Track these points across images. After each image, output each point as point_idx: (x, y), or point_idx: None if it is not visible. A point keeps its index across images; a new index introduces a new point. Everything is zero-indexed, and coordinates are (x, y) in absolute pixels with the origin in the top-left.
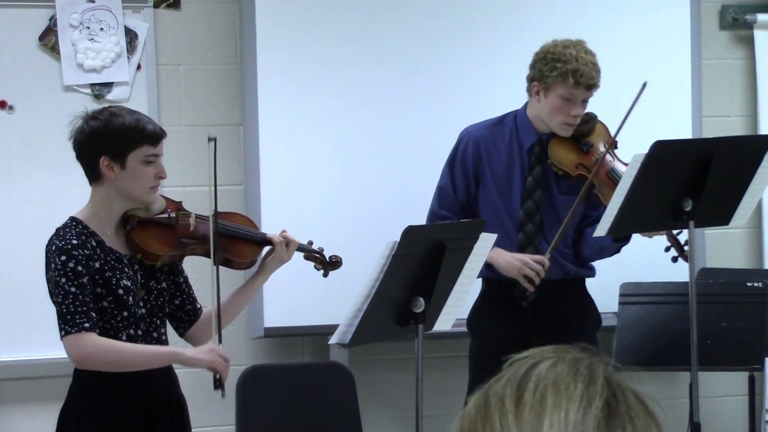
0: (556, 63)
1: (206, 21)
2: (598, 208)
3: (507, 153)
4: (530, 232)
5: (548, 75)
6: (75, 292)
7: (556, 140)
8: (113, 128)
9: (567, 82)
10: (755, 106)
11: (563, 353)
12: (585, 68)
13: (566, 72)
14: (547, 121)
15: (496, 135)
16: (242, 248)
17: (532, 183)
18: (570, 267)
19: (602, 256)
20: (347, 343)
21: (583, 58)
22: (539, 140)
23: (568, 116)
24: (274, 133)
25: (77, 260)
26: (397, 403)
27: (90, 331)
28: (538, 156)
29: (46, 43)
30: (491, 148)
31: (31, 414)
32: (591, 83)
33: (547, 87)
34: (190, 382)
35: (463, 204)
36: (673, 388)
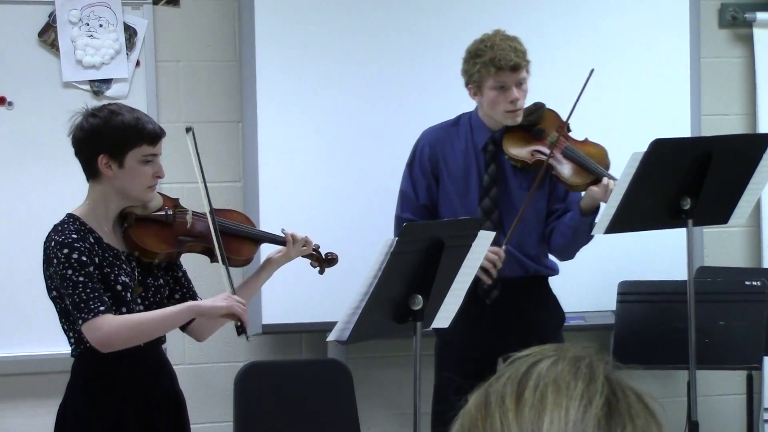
0: (476, 59)
1: (205, 18)
2: (565, 199)
3: (463, 154)
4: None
5: (474, 73)
6: (84, 280)
7: (509, 135)
8: (113, 127)
9: (490, 71)
10: (754, 105)
11: (564, 351)
12: (501, 52)
13: (485, 63)
14: (492, 116)
15: (452, 136)
16: (239, 246)
17: (488, 181)
18: (529, 264)
19: (577, 240)
20: (345, 340)
21: (499, 44)
22: (492, 138)
23: (507, 103)
24: (273, 130)
25: (80, 251)
26: (394, 400)
27: (105, 313)
28: (492, 154)
29: (45, 39)
30: (447, 149)
31: (29, 410)
32: (512, 64)
33: (478, 84)
34: (188, 378)
35: (426, 207)
36: (671, 387)
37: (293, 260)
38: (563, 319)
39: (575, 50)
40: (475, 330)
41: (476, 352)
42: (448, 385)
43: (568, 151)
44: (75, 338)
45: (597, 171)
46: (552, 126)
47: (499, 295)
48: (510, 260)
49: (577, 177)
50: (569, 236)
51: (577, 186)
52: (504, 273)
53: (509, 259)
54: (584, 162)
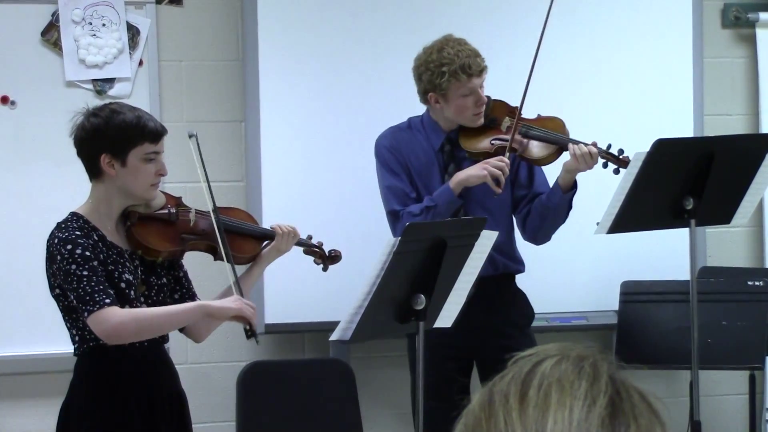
0: (442, 68)
1: (208, 17)
2: (530, 185)
3: (424, 155)
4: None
5: (440, 82)
6: (88, 274)
7: (464, 132)
8: (114, 126)
9: (461, 79)
10: (757, 105)
11: (568, 351)
12: (468, 59)
13: (455, 71)
14: (456, 120)
15: (410, 138)
16: (242, 243)
17: (448, 180)
18: (498, 260)
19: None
20: (348, 340)
21: (462, 50)
22: (448, 138)
23: (475, 107)
24: (276, 129)
25: (84, 247)
26: (397, 399)
27: (112, 305)
28: (449, 154)
29: (48, 38)
30: (409, 150)
31: (32, 409)
32: (481, 69)
33: (444, 93)
34: (190, 378)
35: (415, 201)
36: (674, 387)
37: (295, 259)
38: (532, 316)
39: (578, 50)
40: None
41: (450, 350)
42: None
43: (526, 129)
44: (78, 337)
45: (559, 140)
46: (502, 114)
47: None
48: None
49: (542, 150)
50: (549, 217)
51: (545, 159)
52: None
53: None
54: (545, 135)
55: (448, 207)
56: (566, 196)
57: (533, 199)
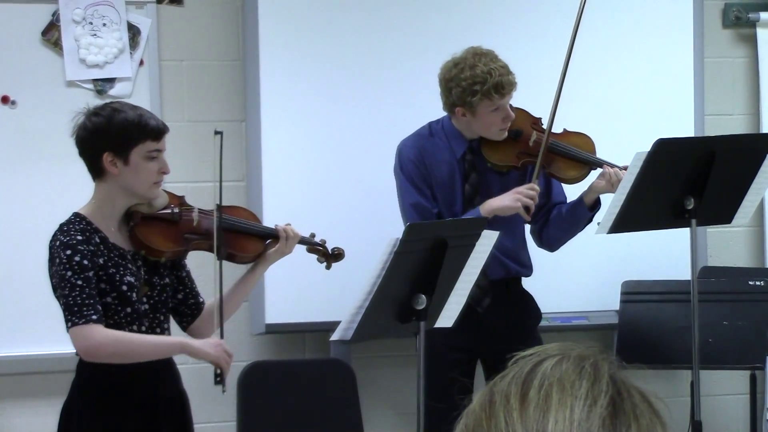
0: (474, 86)
1: (209, 17)
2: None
3: (447, 164)
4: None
5: (471, 99)
6: (81, 285)
7: (487, 142)
8: (116, 124)
9: (493, 98)
10: (758, 105)
11: (568, 351)
12: (502, 78)
13: (488, 91)
14: (482, 134)
15: (433, 147)
16: (246, 242)
17: (469, 191)
18: (511, 266)
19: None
20: (349, 340)
21: (495, 68)
22: (470, 147)
23: (503, 122)
24: (277, 129)
25: (83, 254)
26: (398, 399)
27: (97, 323)
28: (471, 163)
29: (48, 38)
30: (432, 159)
31: (33, 409)
32: (512, 88)
33: (473, 109)
34: (192, 378)
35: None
36: (675, 387)
37: (297, 259)
38: (539, 318)
39: (579, 51)
40: (459, 334)
41: (462, 354)
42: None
43: (555, 146)
44: None
45: (591, 160)
46: (525, 124)
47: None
48: (493, 262)
49: (572, 170)
50: (569, 229)
51: (576, 179)
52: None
53: (492, 262)
54: (574, 154)
55: None
56: (589, 212)
57: (551, 210)
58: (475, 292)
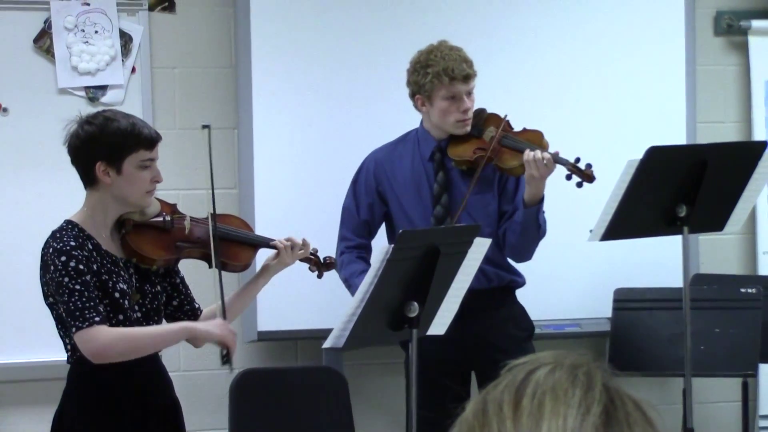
0: (426, 69)
1: (201, 24)
2: (514, 200)
3: (411, 167)
4: None
5: (424, 83)
6: (80, 289)
7: (454, 142)
8: (109, 133)
9: (443, 81)
10: (749, 113)
11: (562, 359)
12: (453, 63)
13: (438, 73)
14: (442, 126)
15: (399, 151)
16: (238, 251)
17: (437, 189)
18: (492, 272)
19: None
20: (341, 348)
21: (449, 54)
22: (438, 147)
23: (459, 113)
24: (269, 136)
25: (77, 260)
26: (390, 407)
27: (101, 324)
28: (439, 162)
29: (40, 45)
30: (395, 166)
31: (25, 416)
32: (465, 74)
33: (428, 95)
34: (184, 386)
35: (367, 222)
36: (667, 394)
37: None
38: (532, 329)
39: (570, 58)
40: (441, 342)
41: (447, 366)
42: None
43: (505, 140)
44: (71, 345)
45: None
46: (491, 125)
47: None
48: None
49: (513, 160)
50: (519, 233)
51: (515, 168)
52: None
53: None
54: (518, 145)
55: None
56: (529, 211)
57: (512, 215)
58: None
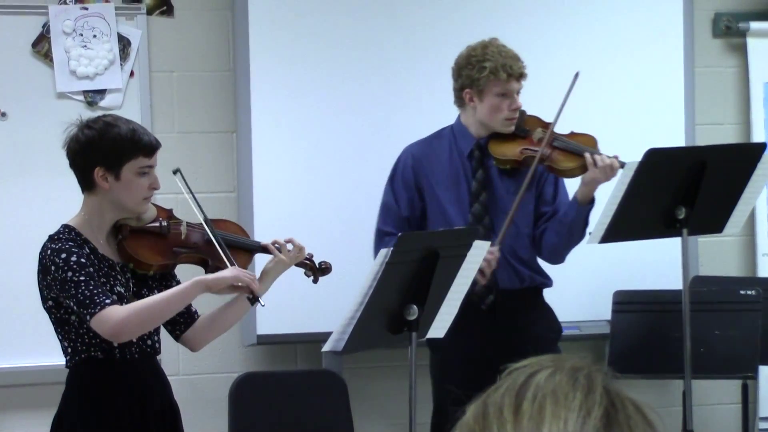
0: (483, 63)
1: (199, 28)
2: (554, 201)
3: (449, 163)
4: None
5: (479, 77)
6: (85, 279)
7: (494, 140)
8: (109, 139)
9: (500, 77)
10: (748, 114)
11: (562, 362)
12: (510, 60)
13: (496, 69)
14: (488, 123)
15: (435, 147)
16: (234, 257)
17: (476, 187)
18: (524, 272)
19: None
20: (340, 351)
21: (505, 51)
22: (477, 144)
23: (508, 111)
24: (267, 140)
25: (78, 255)
26: (390, 410)
27: (113, 304)
28: (478, 160)
29: (39, 49)
30: (432, 161)
31: (24, 421)
32: (521, 72)
33: (480, 90)
34: (182, 389)
35: (408, 219)
36: (667, 396)
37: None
38: (560, 331)
39: (569, 60)
40: (472, 343)
41: (474, 365)
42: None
43: (557, 141)
44: (70, 349)
45: (584, 151)
46: (535, 125)
47: (496, 304)
48: (505, 269)
49: (569, 162)
50: (565, 234)
51: (573, 170)
52: (502, 284)
53: (504, 268)
54: (574, 147)
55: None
56: (582, 209)
57: (552, 217)
58: (480, 289)
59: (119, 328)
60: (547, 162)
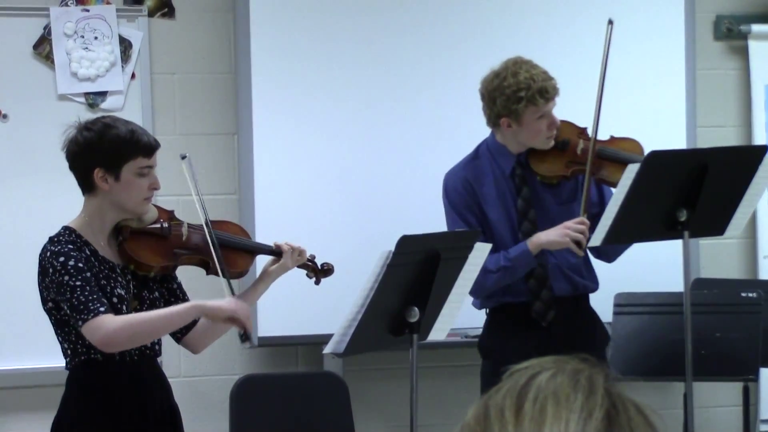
0: (519, 93)
1: (201, 30)
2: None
3: (494, 184)
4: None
5: (516, 107)
6: (81, 284)
7: (534, 155)
8: (108, 140)
9: (538, 104)
10: (749, 116)
11: (563, 364)
12: (545, 83)
13: (533, 96)
14: (529, 144)
15: (478, 170)
16: (235, 258)
17: (522, 205)
18: (578, 280)
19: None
20: (341, 353)
21: (537, 74)
22: (518, 162)
23: (549, 130)
24: (269, 141)
25: (76, 259)
26: (391, 412)
27: (106, 313)
28: (521, 177)
29: (40, 51)
30: (480, 183)
31: (24, 423)
32: (556, 92)
33: (518, 117)
34: (183, 391)
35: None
36: (668, 399)
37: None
38: (608, 338)
39: (571, 63)
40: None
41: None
42: None
43: (603, 152)
44: (69, 351)
45: (635, 160)
46: (571, 134)
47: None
48: (559, 277)
49: (619, 173)
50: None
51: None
52: (558, 292)
53: (558, 277)
54: (624, 157)
55: (525, 268)
56: None
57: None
58: (540, 306)
59: (109, 338)
60: (598, 175)
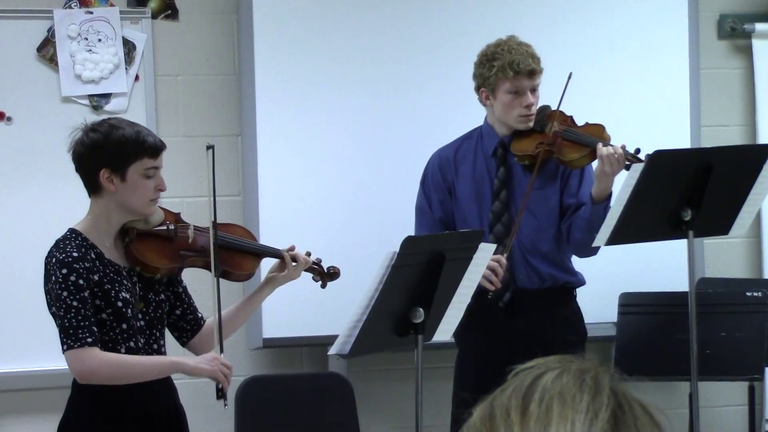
0: (492, 62)
1: (204, 32)
2: (577, 194)
3: (474, 163)
4: (499, 233)
5: (489, 76)
6: (77, 306)
7: (517, 137)
8: (113, 141)
9: (507, 75)
10: (754, 116)
11: (568, 363)
12: (519, 57)
13: (503, 66)
14: (504, 120)
15: (462, 147)
16: (241, 260)
17: (497, 184)
18: (545, 271)
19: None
20: (347, 354)
21: (516, 48)
22: (501, 142)
23: (522, 108)
24: (273, 143)
25: (78, 273)
26: (396, 413)
27: (92, 345)
28: (501, 158)
29: (44, 54)
30: (460, 161)
31: (30, 425)
32: (530, 69)
33: (492, 88)
34: (189, 393)
35: (442, 219)
36: (673, 399)
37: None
38: (585, 333)
39: (574, 62)
40: (492, 341)
41: (493, 364)
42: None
43: (566, 133)
44: None
45: (591, 141)
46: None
47: (514, 302)
48: (522, 266)
49: (573, 152)
50: (585, 228)
51: (576, 160)
52: (519, 282)
53: (521, 265)
54: (579, 138)
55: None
56: (596, 207)
57: (577, 209)
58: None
59: (87, 373)
60: (556, 154)
